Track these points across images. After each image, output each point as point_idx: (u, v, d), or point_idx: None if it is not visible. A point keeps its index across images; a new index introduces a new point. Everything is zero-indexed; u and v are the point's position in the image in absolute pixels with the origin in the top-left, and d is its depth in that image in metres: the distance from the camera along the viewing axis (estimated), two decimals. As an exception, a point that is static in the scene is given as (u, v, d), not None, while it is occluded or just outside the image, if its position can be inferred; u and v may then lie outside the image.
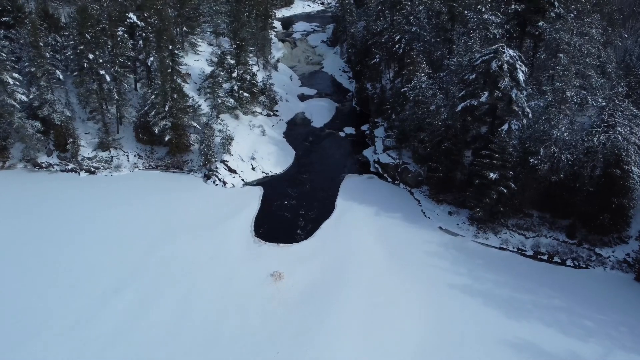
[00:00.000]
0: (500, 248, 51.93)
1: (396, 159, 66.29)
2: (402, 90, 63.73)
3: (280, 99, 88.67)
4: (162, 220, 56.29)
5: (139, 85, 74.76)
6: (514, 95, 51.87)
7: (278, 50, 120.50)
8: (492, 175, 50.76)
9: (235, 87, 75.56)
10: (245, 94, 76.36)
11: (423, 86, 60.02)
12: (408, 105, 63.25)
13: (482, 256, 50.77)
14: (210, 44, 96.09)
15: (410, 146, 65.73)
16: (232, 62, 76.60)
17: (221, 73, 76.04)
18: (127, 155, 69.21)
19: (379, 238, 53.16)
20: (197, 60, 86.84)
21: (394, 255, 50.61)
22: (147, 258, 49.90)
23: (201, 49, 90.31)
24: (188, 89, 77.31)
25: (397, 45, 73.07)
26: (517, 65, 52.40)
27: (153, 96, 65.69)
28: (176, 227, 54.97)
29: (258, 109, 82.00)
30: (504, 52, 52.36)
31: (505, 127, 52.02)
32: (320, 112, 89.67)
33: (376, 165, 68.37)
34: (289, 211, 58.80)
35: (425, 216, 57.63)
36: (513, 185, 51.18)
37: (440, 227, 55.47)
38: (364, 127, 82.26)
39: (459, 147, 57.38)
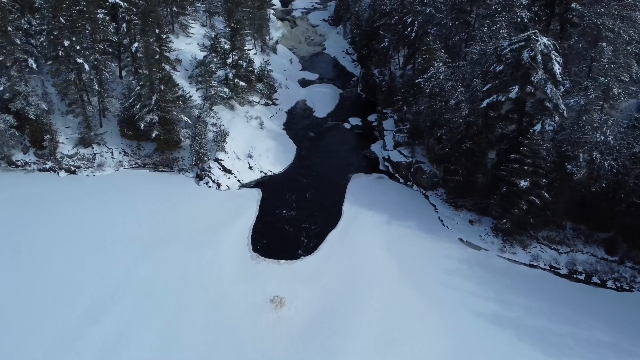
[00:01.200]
0: (530, 265, 45.88)
1: (409, 157, 59.78)
2: (417, 81, 56.78)
3: (280, 85, 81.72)
4: (148, 228, 50.19)
5: (124, 73, 67.72)
6: (548, 91, 45.13)
7: (277, 29, 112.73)
8: (522, 183, 44.37)
9: (230, 75, 68.54)
10: (241, 83, 69.40)
11: (441, 77, 53.12)
12: (423, 98, 56.41)
13: (510, 275, 44.76)
14: (203, 25, 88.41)
15: (425, 143, 59.16)
16: (227, 46, 69.34)
17: (214, 59, 68.94)
18: (112, 152, 62.63)
19: (391, 252, 47.05)
20: (189, 44, 79.43)
21: (409, 274, 44.56)
22: (129, 275, 43.99)
23: (193, 31, 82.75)
24: (178, 76, 70.35)
25: (408, 29, 65.79)
26: (553, 56, 45.56)
27: (138, 87, 58.78)
28: (164, 237, 48.89)
29: (255, 98, 75.08)
30: (538, 40, 45.40)
31: (537, 127, 45.45)
32: (323, 99, 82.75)
33: (386, 163, 61.86)
34: (290, 219, 52.55)
35: (443, 225, 51.42)
36: (546, 194, 44.81)
37: (461, 239, 49.33)
38: (371, 118, 75.47)
39: (482, 147, 50.87)
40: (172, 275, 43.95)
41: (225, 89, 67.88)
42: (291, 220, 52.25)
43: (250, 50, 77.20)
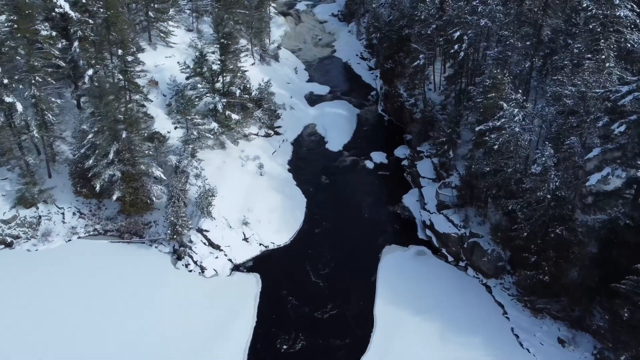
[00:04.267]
0: None
1: (460, 227, 44.11)
2: (477, 128, 40.80)
3: (284, 107, 65.67)
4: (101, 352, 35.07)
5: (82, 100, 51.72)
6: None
7: (278, 27, 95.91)
8: (663, 314, 28.89)
9: (220, 107, 52.42)
10: (234, 116, 53.33)
11: (516, 129, 37.22)
12: (485, 154, 40.69)
13: None
14: (189, 30, 71.99)
15: (484, 212, 43.42)
16: (215, 67, 53.21)
17: (199, 85, 52.97)
18: (63, 214, 47.07)
19: (455, 403, 31.85)
20: (170, 57, 62.96)
21: None
22: None
23: (176, 40, 66.21)
24: (154, 105, 54.72)
25: (455, 46, 49.51)
26: None
27: (91, 134, 42.96)
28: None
29: (253, 130, 59.17)
30: (683, 90, 29.43)
31: (682, 224, 29.72)
32: (336, 124, 66.69)
33: (428, 231, 46.29)
34: (304, 336, 36.91)
35: (521, 345, 36.03)
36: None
37: (552, 374, 34.05)
38: (399, 153, 59.62)
39: (580, 237, 35.23)
40: None
41: (214, 125, 52.02)
42: (305, 329, 36.20)
43: (246, 58, 60.27)
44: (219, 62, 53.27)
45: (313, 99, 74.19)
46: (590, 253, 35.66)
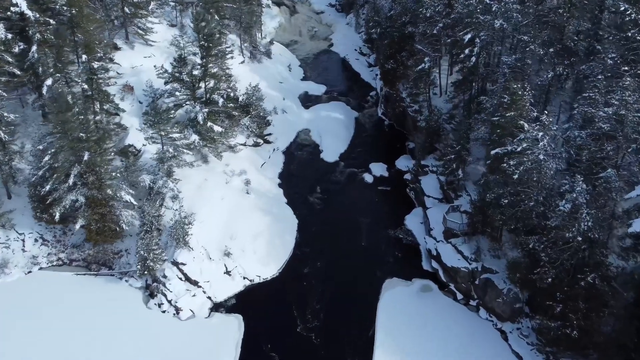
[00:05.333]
0: None
1: (470, 259, 38.77)
2: (493, 152, 35.21)
3: (275, 111, 59.88)
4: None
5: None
6: None
7: (272, 18, 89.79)
8: None
9: (201, 118, 46.67)
10: (217, 128, 47.56)
11: (540, 156, 31.65)
12: (500, 178, 35.19)
13: None
14: (172, 25, 65.88)
15: (499, 242, 38.04)
16: (196, 72, 47.43)
17: (177, 93, 47.29)
18: (23, 241, 41.77)
19: None
20: (149, 57, 57.13)
21: None
22: None
23: (156, 37, 60.12)
24: (128, 114, 48.97)
25: (466, 50, 43.63)
26: None
27: (48, 156, 37.42)
28: None
29: (240, 139, 53.50)
30: None
31: None
32: (333, 130, 61.09)
33: (434, 263, 40.99)
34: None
35: (544, 411, 31.02)
36: None
37: None
38: (401, 165, 54.15)
39: (614, 286, 29.93)
40: None
41: (194, 137, 46.39)
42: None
43: (232, 58, 54.07)
44: (199, 68, 47.45)
45: (308, 100, 68.56)
46: (626, 302, 30.38)
